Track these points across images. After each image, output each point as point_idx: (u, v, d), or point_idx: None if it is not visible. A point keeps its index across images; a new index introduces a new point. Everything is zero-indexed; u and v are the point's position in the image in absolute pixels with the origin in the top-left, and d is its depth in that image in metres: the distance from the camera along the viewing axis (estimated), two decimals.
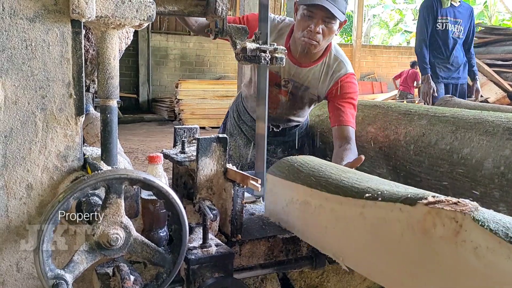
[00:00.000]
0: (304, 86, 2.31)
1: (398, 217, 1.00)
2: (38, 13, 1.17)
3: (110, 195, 0.98)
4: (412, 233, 0.97)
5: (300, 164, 1.46)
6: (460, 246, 0.86)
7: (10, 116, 1.17)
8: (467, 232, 0.85)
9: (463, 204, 0.91)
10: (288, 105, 2.39)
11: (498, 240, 0.79)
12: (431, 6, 4.24)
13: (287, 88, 2.34)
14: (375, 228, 1.08)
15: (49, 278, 0.94)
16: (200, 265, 1.19)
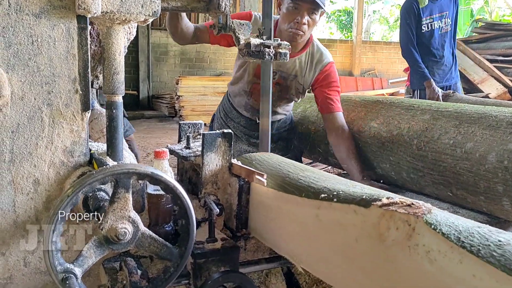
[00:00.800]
0: (292, 75, 2.44)
1: (353, 220, 0.98)
2: (44, 9, 1.17)
3: (118, 190, 0.99)
4: (367, 238, 0.94)
5: (259, 162, 1.46)
6: (413, 250, 0.83)
7: (17, 111, 1.18)
8: (420, 236, 0.83)
9: (416, 206, 0.89)
10: (276, 96, 2.47)
11: (450, 244, 0.78)
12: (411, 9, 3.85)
13: (274, 79, 2.44)
14: (331, 232, 1.05)
15: (59, 272, 0.95)
16: (206, 260, 1.20)
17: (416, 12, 3.83)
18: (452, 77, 4.03)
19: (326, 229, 1.07)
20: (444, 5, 3.91)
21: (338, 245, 1.03)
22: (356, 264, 0.98)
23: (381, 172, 2.14)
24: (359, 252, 0.96)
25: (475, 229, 0.80)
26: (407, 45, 3.85)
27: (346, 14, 19.17)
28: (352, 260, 0.99)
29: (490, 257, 0.72)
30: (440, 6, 3.89)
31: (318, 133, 2.52)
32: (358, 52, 13.00)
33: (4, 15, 1.13)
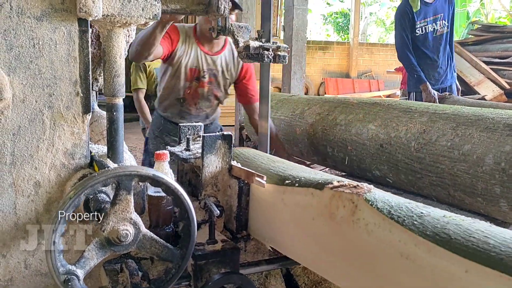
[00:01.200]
0: (221, 70, 2.69)
1: (311, 201, 1.14)
2: (45, 12, 1.18)
3: (120, 192, 0.99)
4: (321, 216, 1.09)
5: (236, 155, 1.60)
6: (355, 224, 0.99)
7: (18, 114, 1.18)
8: (361, 211, 0.98)
9: (360, 187, 1.05)
10: (208, 95, 2.72)
11: (382, 217, 0.93)
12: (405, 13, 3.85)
13: (205, 78, 2.67)
14: (293, 212, 1.21)
15: (61, 273, 0.95)
16: (207, 261, 1.21)
17: (410, 16, 3.84)
18: (447, 79, 4.02)
19: (289, 211, 1.23)
20: (438, 8, 3.90)
21: (299, 224, 1.19)
22: (314, 239, 1.14)
23: (378, 174, 2.16)
24: (316, 229, 1.12)
25: (404, 204, 0.97)
26: (403, 49, 3.86)
27: (343, 16, 19.22)
28: (310, 236, 1.15)
29: (411, 225, 0.88)
30: (434, 8, 3.88)
31: (316, 135, 2.53)
32: (355, 54, 13.04)
33: (6, 18, 1.14)
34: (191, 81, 2.65)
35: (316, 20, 19.68)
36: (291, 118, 2.79)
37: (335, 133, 2.40)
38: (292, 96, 3.21)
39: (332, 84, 12.27)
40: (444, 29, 3.93)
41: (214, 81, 2.70)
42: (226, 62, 2.69)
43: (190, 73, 2.64)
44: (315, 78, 12.52)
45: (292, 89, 5.98)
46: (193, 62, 2.63)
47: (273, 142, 2.12)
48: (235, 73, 2.73)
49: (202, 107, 2.74)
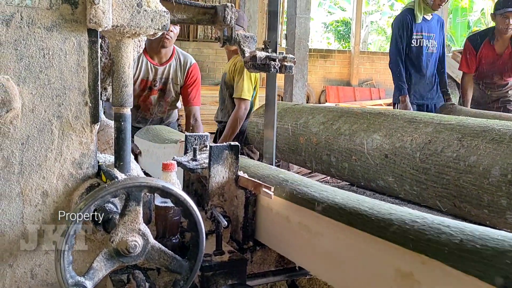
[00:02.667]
0: (170, 77, 3.07)
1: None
2: (55, 22, 1.18)
3: (130, 203, 0.99)
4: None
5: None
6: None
7: (27, 123, 1.18)
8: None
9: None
10: (160, 101, 3.09)
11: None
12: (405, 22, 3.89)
13: (156, 86, 3.05)
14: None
15: (70, 285, 0.95)
16: (214, 272, 1.21)
17: (410, 26, 3.90)
18: (432, 97, 4.07)
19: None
20: (432, 27, 3.99)
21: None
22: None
23: (383, 184, 2.15)
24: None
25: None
26: (395, 57, 3.94)
27: (344, 25, 19.28)
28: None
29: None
30: (429, 26, 3.98)
31: (320, 144, 2.53)
32: (356, 62, 13.06)
33: (16, 28, 1.15)
34: (143, 90, 3.03)
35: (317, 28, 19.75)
36: (295, 127, 2.80)
37: (339, 142, 2.40)
38: (296, 105, 3.22)
39: (333, 92, 12.28)
40: (434, 49, 4.00)
41: (165, 88, 3.08)
42: (175, 70, 3.07)
43: (142, 83, 3.00)
44: (316, 86, 12.54)
45: (294, 97, 5.99)
46: (144, 74, 2.99)
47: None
48: (182, 80, 3.11)
49: (156, 112, 3.11)
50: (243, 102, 3.27)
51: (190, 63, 3.15)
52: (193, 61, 3.19)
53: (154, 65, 3.02)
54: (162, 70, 3.04)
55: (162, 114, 3.15)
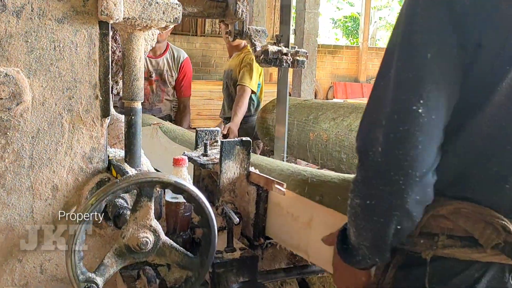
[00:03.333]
0: (165, 69, 3.33)
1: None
2: (66, 14, 1.16)
3: (141, 198, 0.98)
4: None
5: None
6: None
7: (37, 117, 1.17)
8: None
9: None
10: (157, 91, 3.33)
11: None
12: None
13: (152, 77, 3.30)
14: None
15: (81, 281, 0.93)
16: (225, 269, 1.19)
17: None
18: None
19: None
20: None
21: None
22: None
23: None
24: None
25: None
26: None
27: (352, 20, 19.17)
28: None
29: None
30: None
31: (330, 140, 2.51)
32: (364, 58, 12.99)
33: (27, 19, 1.13)
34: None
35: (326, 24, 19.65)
36: (305, 123, 2.77)
37: (350, 139, 2.37)
38: (306, 101, 3.19)
39: (341, 88, 12.22)
40: None
41: (160, 79, 3.34)
42: (168, 63, 3.33)
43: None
44: (324, 82, 12.48)
45: (302, 92, 5.97)
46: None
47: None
48: (176, 72, 3.36)
49: (154, 101, 3.34)
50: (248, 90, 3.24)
51: (183, 57, 3.41)
52: (186, 55, 3.44)
53: (149, 57, 3.27)
54: (156, 62, 3.30)
55: (159, 104, 3.39)
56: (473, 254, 0.80)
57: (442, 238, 0.82)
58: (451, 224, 0.82)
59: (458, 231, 0.82)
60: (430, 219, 0.84)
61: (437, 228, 0.83)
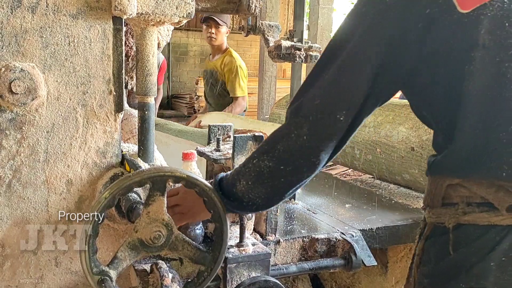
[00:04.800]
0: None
1: None
2: (81, 9, 1.17)
3: (154, 193, 0.98)
4: None
5: None
6: None
7: (52, 111, 1.18)
8: None
9: None
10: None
11: None
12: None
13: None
14: None
15: (95, 274, 0.94)
16: (237, 264, 1.19)
17: None
18: None
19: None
20: None
21: None
22: None
23: (408, 178, 2.10)
24: None
25: None
26: None
27: None
28: None
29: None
30: None
31: None
32: None
33: (42, 15, 1.14)
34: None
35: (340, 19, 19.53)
36: None
37: (363, 135, 2.35)
38: None
39: None
40: None
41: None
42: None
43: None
44: None
45: None
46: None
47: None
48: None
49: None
50: (242, 99, 3.62)
51: (161, 59, 3.77)
52: (163, 57, 3.86)
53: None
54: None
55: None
56: (491, 218, 0.85)
57: (461, 206, 0.88)
58: (467, 192, 0.88)
59: (475, 198, 0.87)
60: (448, 189, 0.90)
61: (456, 197, 0.89)
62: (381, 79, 0.90)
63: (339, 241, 1.41)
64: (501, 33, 0.82)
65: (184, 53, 12.01)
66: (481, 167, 0.86)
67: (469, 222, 0.87)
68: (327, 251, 1.41)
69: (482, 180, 0.86)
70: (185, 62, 12.05)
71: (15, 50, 1.13)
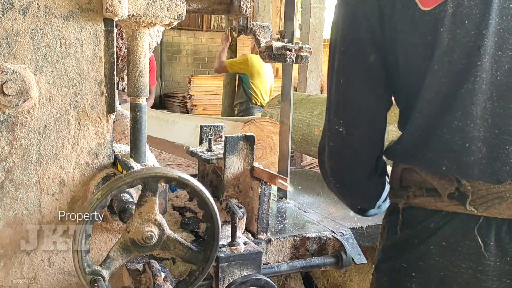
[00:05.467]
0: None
1: None
2: (72, 11, 1.18)
3: (146, 193, 0.99)
4: None
5: None
6: None
7: (44, 113, 1.19)
8: None
9: None
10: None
11: None
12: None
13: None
14: None
15: (87, 274, 0.95)
16: (229, 263, 1.21)
17: None
18: None
19: None
20: None
21: None
22: None
23: None
24: None
25: None
26: None
27: None
28: None
29: None
30: None
31: None
32: None
33: (33, 17, 1.15)
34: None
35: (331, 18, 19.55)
36: (310, 118, 2.78)
37: None
38: (310, 96, 3.20)
39: None
40: None
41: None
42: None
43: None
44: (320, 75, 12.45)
45: (307, 87, 5.96)
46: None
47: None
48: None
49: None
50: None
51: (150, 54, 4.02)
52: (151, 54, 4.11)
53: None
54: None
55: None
56: (436, 203, 0.90)
57: (413, 189, 0.94)
58: (419, 177, 0.93)
59: (426, 184, 0.92)
60: (404, 172, 0.96)
61: (410, 181, 0.95)
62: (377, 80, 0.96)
63: (330, 240, 1.43)
64: (461, 32, 0.85)
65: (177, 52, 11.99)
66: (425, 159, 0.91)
67: (418, 205, 0.93)
68: (318, 250, 1.43)
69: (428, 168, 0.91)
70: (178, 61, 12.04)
71: (7, 52, 1.14)
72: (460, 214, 0.87)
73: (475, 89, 0.85)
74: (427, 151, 0.91)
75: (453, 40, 0.85)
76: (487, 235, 0.83)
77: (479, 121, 0.86)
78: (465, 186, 0.86)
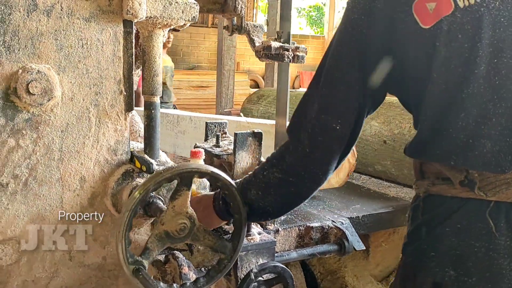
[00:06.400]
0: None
1: None
2: (93, 13, 1.21)
3: (181, 188, 1.05)
4: None
5: None
6: None
7: (67, 111, 1.22)
8: None
9: None
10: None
11: None
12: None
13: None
14: None
15: (130, 263, 1.01)
16: (247, 252, 1.29)
17: None
18: None
19: None
20: None
21: None
22: None
23: (381, 169, 2.27)
24: None
25: None
26: None
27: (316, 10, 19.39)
28: None
29: None
30: None
31: None
32: None
33: (57, 18, 1.18)
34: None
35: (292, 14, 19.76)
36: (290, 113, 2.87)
37: None
38: None
39: (307, 77, 12.40)
40: None
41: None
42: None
43: None
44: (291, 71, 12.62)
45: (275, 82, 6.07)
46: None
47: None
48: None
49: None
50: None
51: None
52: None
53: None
54: None
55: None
56: (451, 190, 1.00)
57: (432, 179, 1.04)
58: (435, 169, 1.03)
59: (442, 174, 1.02)
60: (422, 165, 1.07)
61: (428, 172, 1.05)
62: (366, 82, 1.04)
63: (332, 229, 1.53)
64: (455, 44, 0.96)
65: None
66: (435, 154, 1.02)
67: (436, 193, 1.03)
68: (321, 238, 1.53)
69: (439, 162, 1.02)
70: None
71: (31, 52, 1.16)
72: (472, 199, 0.97)
73: (475, 93, 0.96)
74: (436, 148, 1.01)
75: (448, 52, 0.96)
76: (497, 217, 0.95)
77: (481, 120, 0.97)
78: (472, 174, 0.97)
